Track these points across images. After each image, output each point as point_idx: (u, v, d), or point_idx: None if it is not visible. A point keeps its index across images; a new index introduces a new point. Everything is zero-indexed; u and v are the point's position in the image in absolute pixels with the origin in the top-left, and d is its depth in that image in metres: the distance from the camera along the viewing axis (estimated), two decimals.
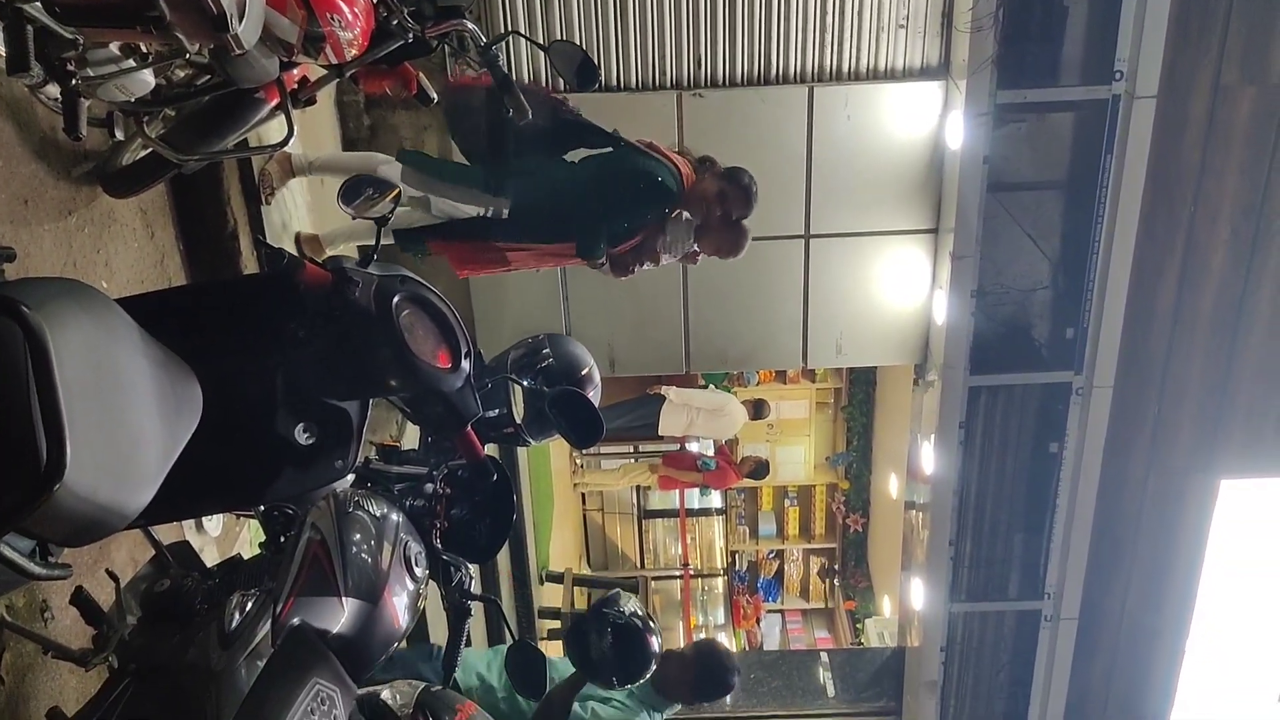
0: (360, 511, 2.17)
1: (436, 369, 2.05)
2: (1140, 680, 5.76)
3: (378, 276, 2.02)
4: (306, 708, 1.97)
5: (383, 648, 2.20)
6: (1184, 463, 5.24)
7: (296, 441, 2.01)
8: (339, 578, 2.07)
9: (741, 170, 3.97)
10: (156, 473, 1.65)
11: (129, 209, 3.07)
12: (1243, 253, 4.85)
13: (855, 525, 9.85)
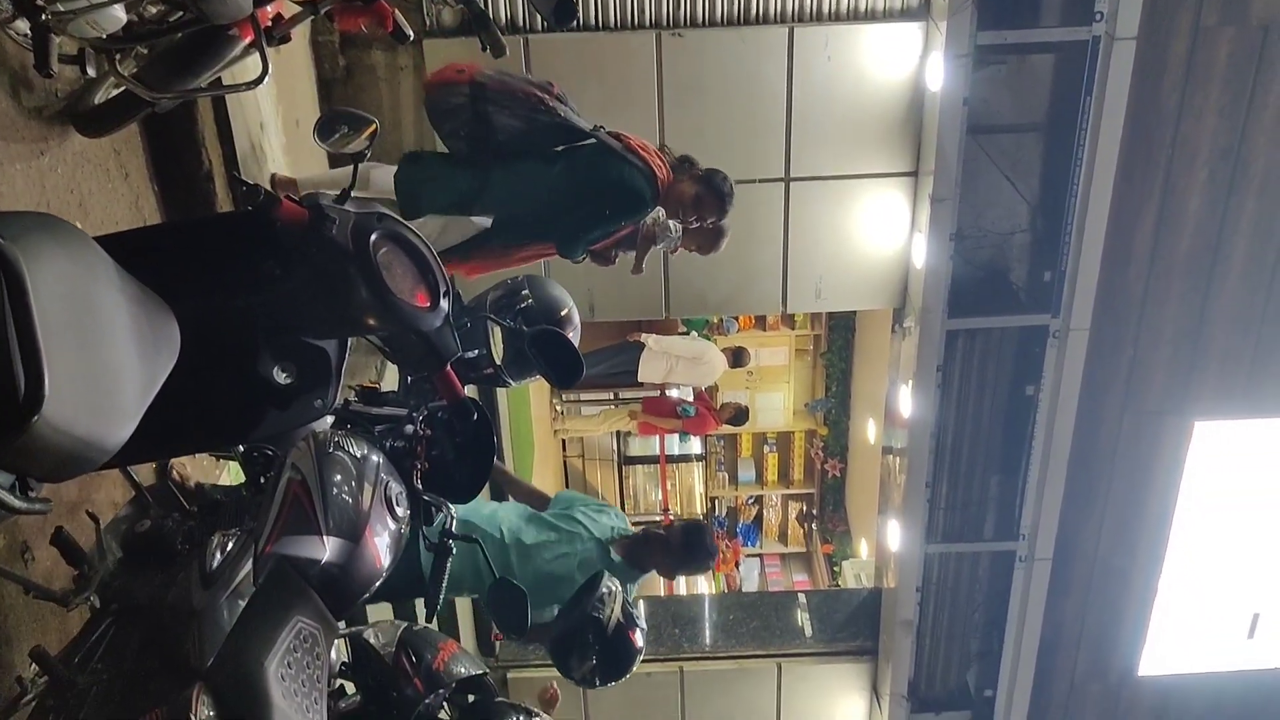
0: (341, 452, 2.16)
1: (415, 308, 2.04)
2: (1113, 619, 5.86)
3: (355, 214, 2.00)
4: (289, 645, 1.98)
5: (364, 587, 2.21)
6: (1158, 405, 5.29)
7: (275, 381, 2.01)
8: (320, 517, 2.07)
9: (718, 173, 4.01)
10: (135, 409, 1.64)
11: (102, 149, 3.03)
12: (1219, 196, 4.87)
13: (833, 470, 9.92)
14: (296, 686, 1.97)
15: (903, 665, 5.82)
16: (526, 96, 3.83)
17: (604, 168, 3.83)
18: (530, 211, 3.85)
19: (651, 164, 3.91)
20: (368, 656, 2.61)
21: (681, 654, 6.32)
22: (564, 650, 3.08)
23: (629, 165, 3.85)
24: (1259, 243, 4.97)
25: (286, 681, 1.94)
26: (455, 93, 3.75)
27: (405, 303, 2.01)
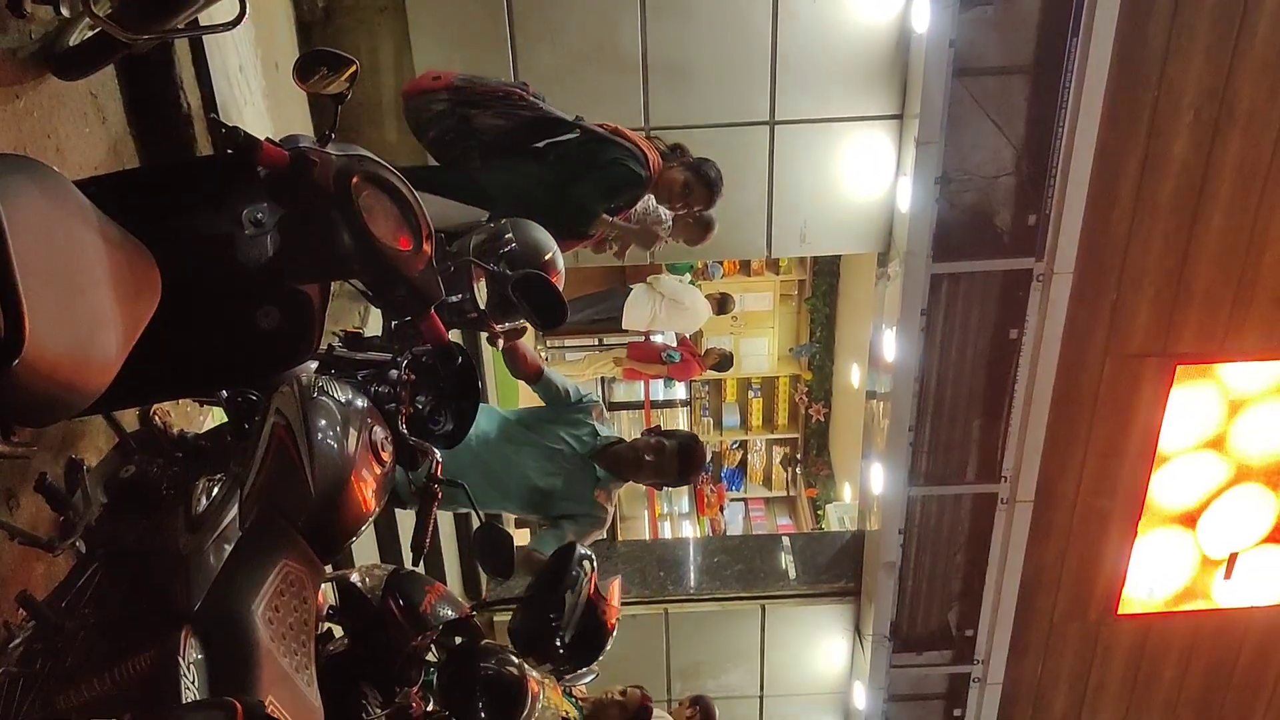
0: (325, 397, 2.16)
1: (397, 251, 2.02)
2: (1092, 560, 5.94)
3: (336, 156, 1.98)
4: (276, 589, 1.99)
5: (351, 531, 2.22)
6: (1140, 347, 5.32)
7: (258, 325, 1.99)
8: (305, 462, 2.07)
9: (707, 161, 4.07)
10: (117, 353, 1.63)
11: (79, 92, 2.98)
12: (1204, 137, 4.87)
13: (817, 415, 9.98)
14: (284, 629, 1.98)
15: (885, 606, 5.90)
16: (506, 95, 3.88)
17: (596, 152, 3.89)
18: (526, 207, 3.85)
19: (640, 146, 3.98)
20: (355, 600, 2.62)
21: (666, 596, 6.38)
22: (529, 645, 2.97)
23: (619, 146, 3.90)
24: (1242, 185, 4.97)
25: (274, 624, 1.95)
26: (434, 100, 3.78)
27: (388, 246, 2.00)
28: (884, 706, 6.21)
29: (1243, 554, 5.97)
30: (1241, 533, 5.92)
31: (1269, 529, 5.90)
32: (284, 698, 1.88)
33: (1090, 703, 6.42)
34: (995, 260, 5.08)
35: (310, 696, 2.01)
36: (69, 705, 1.82)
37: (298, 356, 2.11)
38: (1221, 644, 6.28)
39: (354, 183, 1.95)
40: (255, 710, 1.67)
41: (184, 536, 2.08)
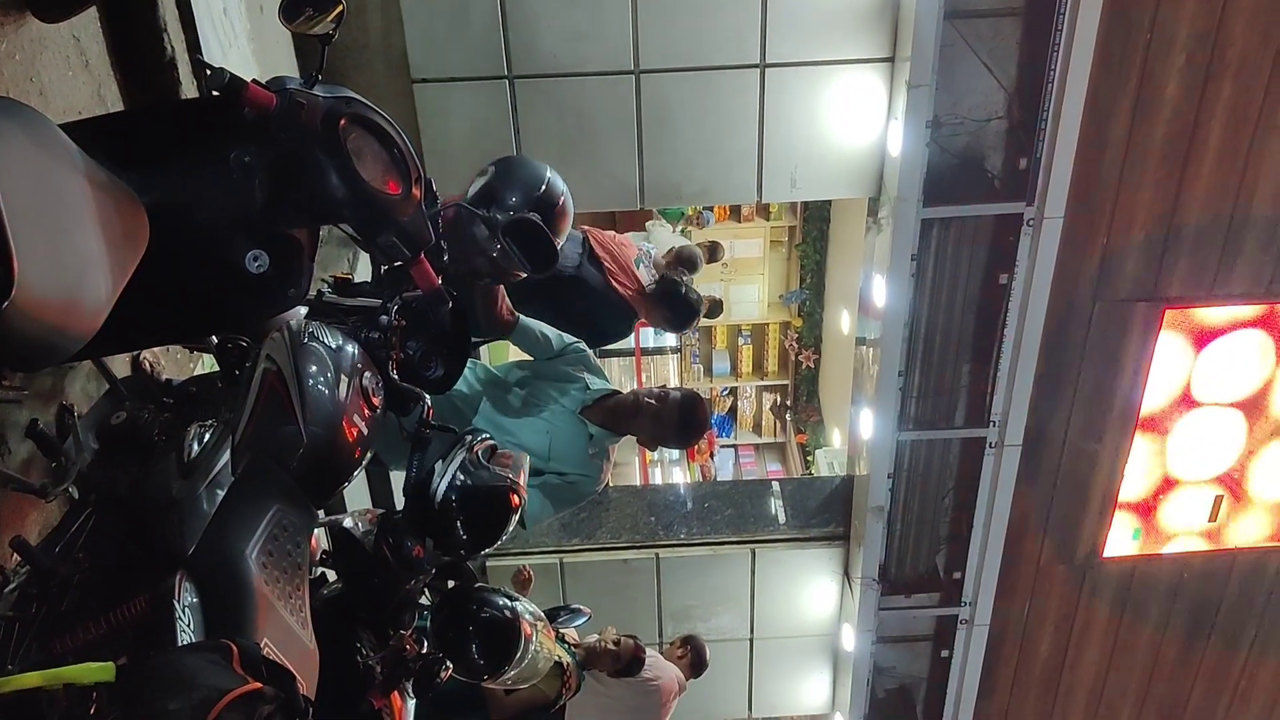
0: (315, 343, 2.16)
1: (387, 195, 2.01)
2: (1079, 504, 5.99)
3: (323, 98, 1.96)
4: (269, 533, 2.00)
5: (343, 476, 2.22)
6: (1129, 291, 5.33)
7: (247, 270, 1.98)
8: (296, 408, 2.07)
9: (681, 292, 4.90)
10: (106, 298, 1.63)
11: (61, 35, 2.93)
12: (1196, 81, 4.84)
13: (808, 361, 10.00)
14: (278, 573, 1.99)
15: (874, 550, 5.95)
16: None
17: (589, 312, 4.40)
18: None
19: (625, 292, 4.67)
20: (348, 545, 2.63)
21: (657, 541, 6.43)
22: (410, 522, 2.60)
23: (610, 309, 4.59)
24: (1233, 129, 4.96)
25: (268, 568, 1.96)
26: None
27: (377, 190, 1.99)
28: (872, 648, 6.29)
29: (1227, 496, 6.03)
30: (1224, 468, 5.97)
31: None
32: (279, 640, 1.90)
33: (1076, 643, 6.51)
34: (986, 205, 5.07)
35: (305, 639, 2.03)
36: (64, 649, 1.84)
37: (287, 301, 2.10)
38: (1206, 585, 6.36)
39: (342, 125, 1.94)
40: (250, 652, 1.69)
41: (176, 482, 2.09)
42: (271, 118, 1.91)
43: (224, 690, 1.55)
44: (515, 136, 4.94)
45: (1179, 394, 5.67)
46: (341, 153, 1.93)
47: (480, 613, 2.90)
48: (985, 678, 6.45)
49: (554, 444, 3.60)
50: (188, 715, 1.48)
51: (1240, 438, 5.86)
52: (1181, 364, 5.56)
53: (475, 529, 2.55)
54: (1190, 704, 6.85)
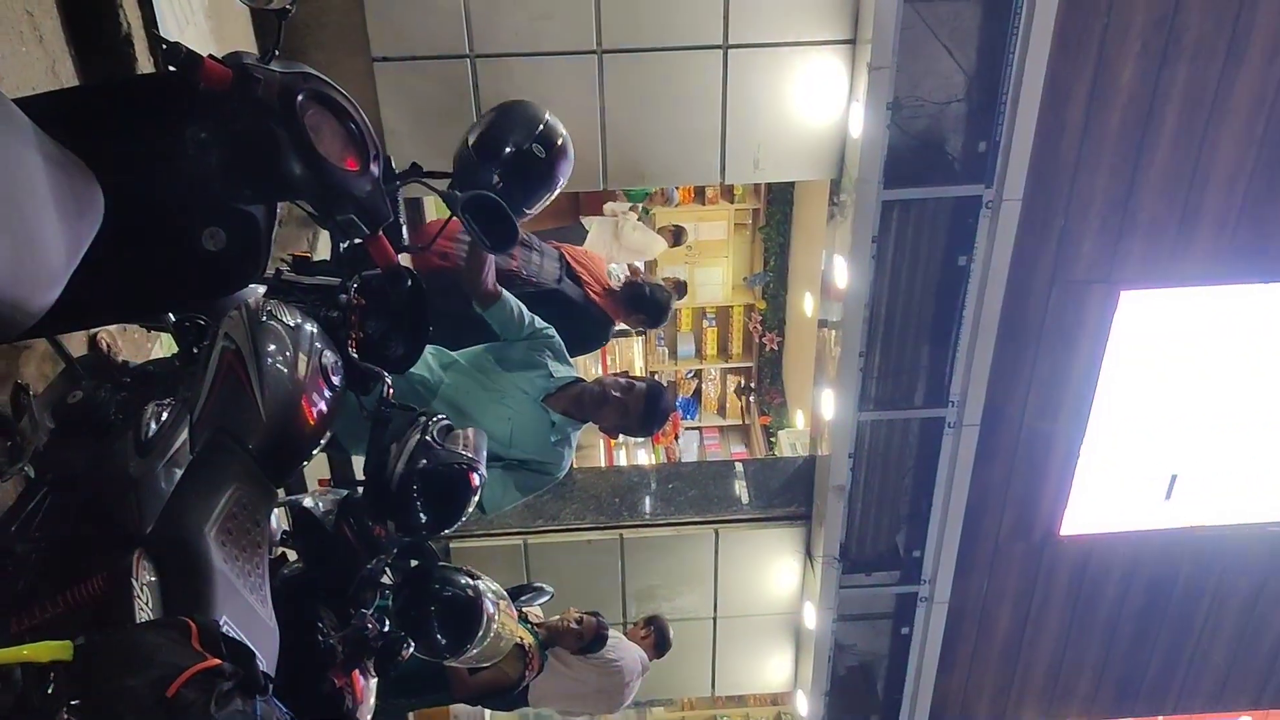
0: (274, 321, 2.15)
1: (345, 171, 2.00)
2: (1037, 482, 6.07)
3: (281, 74, 1.95)
4: (228, 512, 2.00)
5: (302, 455, 2.23)
6: (1086, 274, 5.40)
7: (204, 247, 1.98)
8: (255, 386, 2.07)
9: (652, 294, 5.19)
10: (60, 272, 1.62)
11: (14, 10, 2.89)
12: (1151, 66, 4.90)
13: (771, 344, 10.03)
14: (237, 552, 1.99)
15: (835, 529, 6.01)
16: (505, 273, 4.45)
17: (571, 323, 4.38)
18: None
19: (603, 302, 5.00)
20: (309, 524, 2.63)
21: (622, 522, 6.46)
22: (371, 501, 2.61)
23: (590, 319, 4.92)
24: (1188, 113, 5.02)
25: (227, 546, 1.96)
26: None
27: (334, 166, 1.98)
28: (834, 626, 6.35)
29: (1182, 475, 6.12)
30: (1181, 454, 6.06)
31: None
32: (238, 618, 1.90)
33: (1034, 620, 6.60)
34: (946, 187, 5.11)
35: (265, 618, 2.03)
36: (21, 628, 1.82)
37: (245, 278, 2.10)
38: (1161, 563, 6.47)
39: (299, 101, 1.93)
40: (209, 629, 1.69)
41: (134, 461, 2.08)
42: (228, 94, 1.90)
43: (182, 667, 1.55)
44: (477, 116, 4.91)
45: (1135, 374, 5.74)
46: (299, 129, 1.92)
47: (442, 592, 2.91)
48: (945, 654, 6.54)
49: (515, 431, 3.61)
50: (146, 692, 1.48)
51: (1194, 418, 5.96)
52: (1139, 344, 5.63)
53: (434, 509, 2.56)
54: (1146, 680, 6.98)
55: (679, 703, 10.06)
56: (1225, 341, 5.70)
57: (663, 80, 4.96)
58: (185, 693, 1.53)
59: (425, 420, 2.52)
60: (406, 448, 2.46)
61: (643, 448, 10.45)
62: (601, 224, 8.25)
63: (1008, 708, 7.01)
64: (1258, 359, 5.76)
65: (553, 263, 5.08)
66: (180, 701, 1.52)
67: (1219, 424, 5.98)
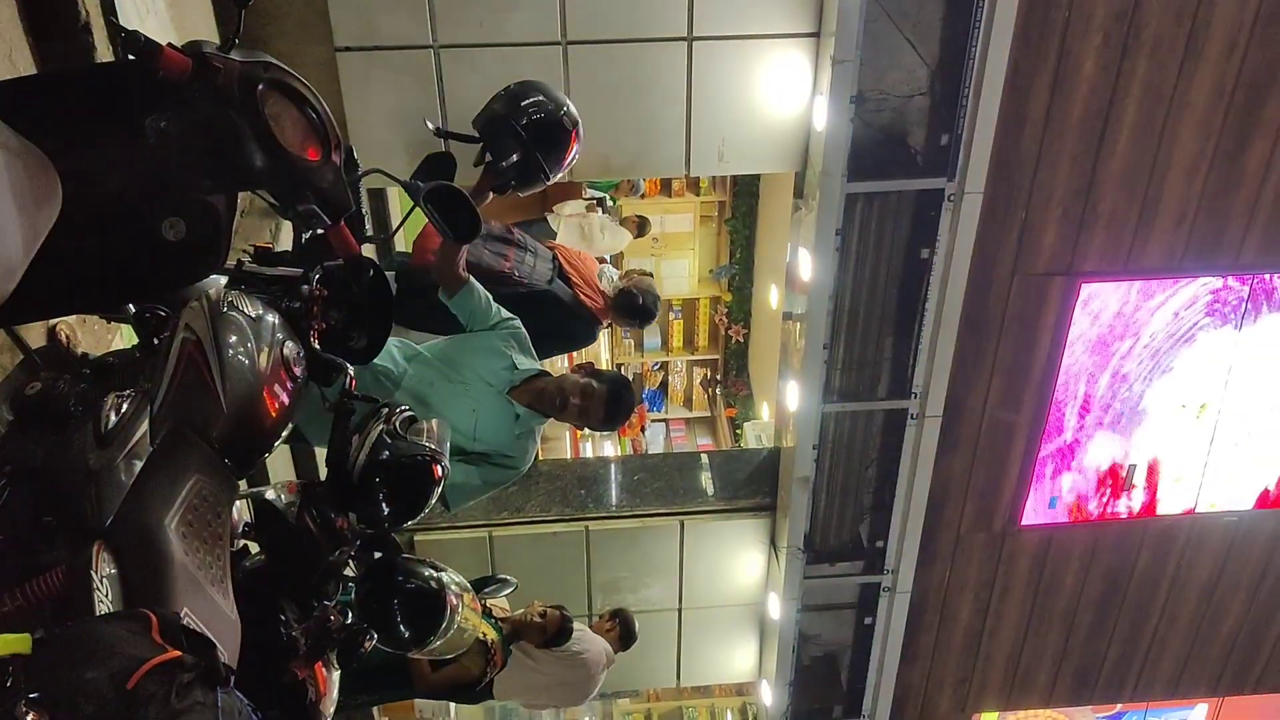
0: (235, 312, 2.14)
1: (305, 161, 1.99)
2: (998, 473, 6.13)
3: (241, 63, 1.93)
4: (189, 503, 1.99)
5: (263, 446, 2.21)
6: (1047, 266, 5.45)
7: (164, 236, 1.96)
8: (216, 378, 2.06)
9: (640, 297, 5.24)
10: (17, 263, 1.60)
11: None
12: (1112, 59, 4.95)
13: (737, 336, 10.08)
14: (198, 544, 1.98)
15: (799, 520, 6.04)
16: (498, 273, 4.66)
17: (561, 322, 4.88)
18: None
19: (592, 304, 5.11)
20: (271, 516, 2.62)
21: (587, 514, 6.46)
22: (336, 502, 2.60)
23: (578, 319, 5.04)
24: (1148, 107, 5.08)
25: (188, 538, 1.95)
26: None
27: (295, 156, 1.97)
28: (798, 616, 6.39)
29: (1140, 466, 6.21)
30: (1138, 445, 6.14)
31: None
32: (199, 610, 1.89)
33: (995, 609, 6.68)
34: (908, 180, 5.14)
35: (226, 610, 2.02)
36: None
37: (205, 268, 2.08)
38: (1119, 553, 6.56)
39: (259, 90, 1.91)
40: (170, 621, 1.68)
41: (93, 453, 2.06)
42: (187, 83, 1.88)
43: (142, 659, 1.54)
44: (441, 107, 4.90)
45: (1096, 365, 5.81)
46: (259, 118, 1.91)
47: (405, 583, 2.91)
48: (907, 644, 6.60)
49: (480, 423, 3.60)
50: (106, 685, 1.47)
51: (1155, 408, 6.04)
52: (1099, 336, 5.70)
53: (397, 501, 2.56)
54: (1104, 669, 7.08)
55: (644, 694, 10.08)
56: (1178, 332, 5.78)
57: (628, 72, 4.96)
58: (145, 685, 1.52)
59: (388, 412, 2.51)
60: (369, 439, 2.46)
61: (609, 440, 10.47)
62: (568, 225, 8.26)
63: (969, 696, 7.09)
64: (1214, 349, 5.84)
65: (545, 264, 5.14)
66: (140, 694, 1.51)
67: (1176, 414, 6.06)
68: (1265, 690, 7.37)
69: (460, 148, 3.77)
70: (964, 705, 7.14)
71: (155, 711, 1.51)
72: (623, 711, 10.19)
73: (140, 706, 1.50)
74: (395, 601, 2.87)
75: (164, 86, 1.90)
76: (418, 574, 2.95)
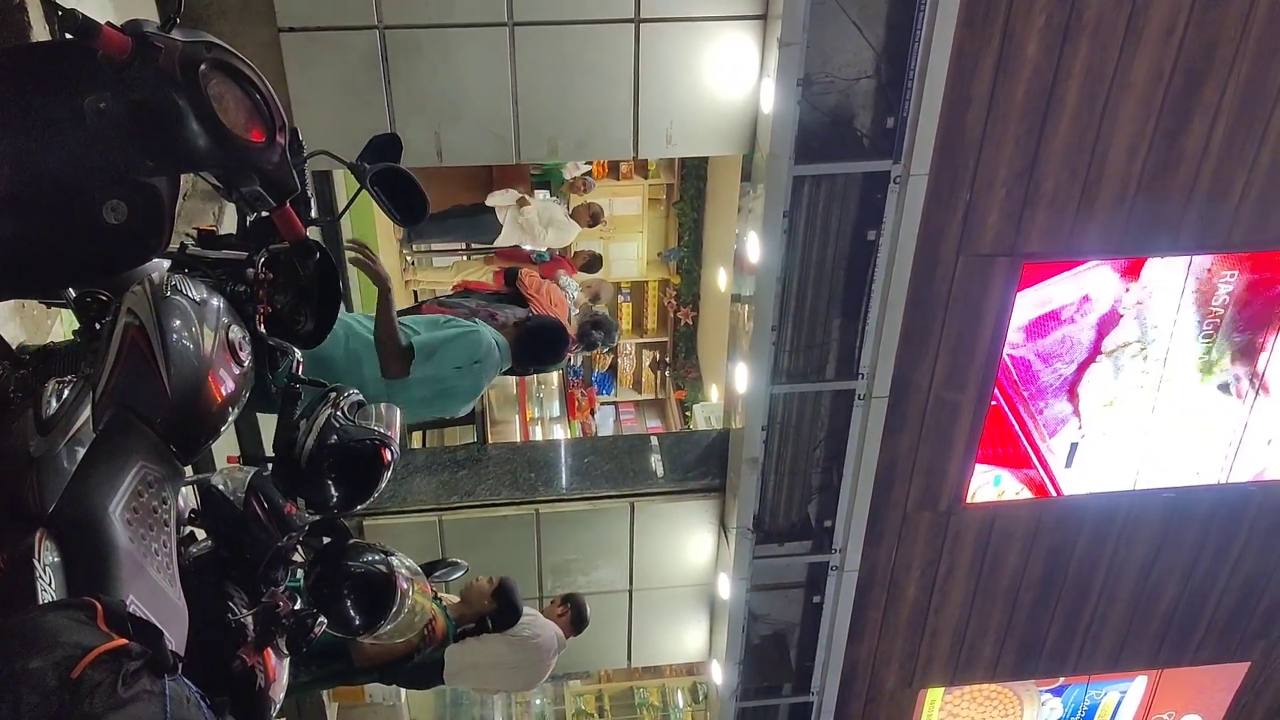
0: (179, 296, 2.11)
1: (249, 142, 1.96)
2: (943, 453, 6.22)
3: (182, 42, 1.90)
4: (133, 490, 1.96)
5: (209, 432, 2.19)
6: (991, 247, 5.52)
7: (105, 219, 1.92)
8: (160, 363, 2.03)
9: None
10: None
11: None
12: (1054, 41, 5.01)
13: (686, 318, 10.11)
14: (143, 530, 1.96)
15: (748, 500, 6.08)
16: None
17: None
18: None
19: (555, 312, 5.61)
20: (217, 503, 2.59)
21: (537, 497, 6.46)
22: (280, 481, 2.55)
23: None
24: (1089, 89, 5.15)
25: (133, 525, 1.93)
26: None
27: (239, 137, 1.94)
28: (747, 596, 6.44)
29: (1082, 444, 6.31)
30: (1081, 424, 6.25)
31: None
32: (145, 597, 1.87)
33: (941, 587, 6.78)
34: (855, 163, 5.17)
35: (173, 597, 2.00)
36: None
37: (148, 251, 2.05)
38: (1061, 530, 6.68)
39: (202, 70, 1.88)
40: (115, 608, 1.66)
41: (34, 439, 2.03)
42: (127, 62, 1.84)
43: (87, 647, 1.52)
44: (387, 88, 4.85)
45: (1038, 344, 5.90)
46: (202, 99, 1.87)
47: (355, 568, 2.90)
48: (855, 622, 6.68)
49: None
50: (49, 674, 1.45)
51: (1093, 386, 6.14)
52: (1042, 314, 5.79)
53: (346, 485, 2.54)
54: (1047, 644, 7.22)
55: (596, 675, 10.12)
56: (1119, 311, 5.88)
57: (575, 54, 4.94)
58: (91, 674, 1.50)
59: (336, 395, 2.49)
60: (317, 424, 2.43)
61: (558, 423, 10.47)
62: (510, 224, 8.23)
63: (915, 672, 7.20)
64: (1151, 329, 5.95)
65: (519, 314, 5.38)
66: (86, 683, 1.49)
67: (1115, 392, 6.17)
68: (1202, 662, 7.56)
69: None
70: (910, 681, 7.25)
71: (101, 701, 1.49)
72: (574, 693, 10.22)
73: (86, 696, 1.48)
74: (344, 586, 2.85)
75: (103, 66, 1.85)
76: (367, 558, 2.94)
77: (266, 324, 2.34)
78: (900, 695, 7.34)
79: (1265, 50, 5.15)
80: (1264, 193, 5.56)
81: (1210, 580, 7.04)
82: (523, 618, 5.12)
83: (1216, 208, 5.58)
